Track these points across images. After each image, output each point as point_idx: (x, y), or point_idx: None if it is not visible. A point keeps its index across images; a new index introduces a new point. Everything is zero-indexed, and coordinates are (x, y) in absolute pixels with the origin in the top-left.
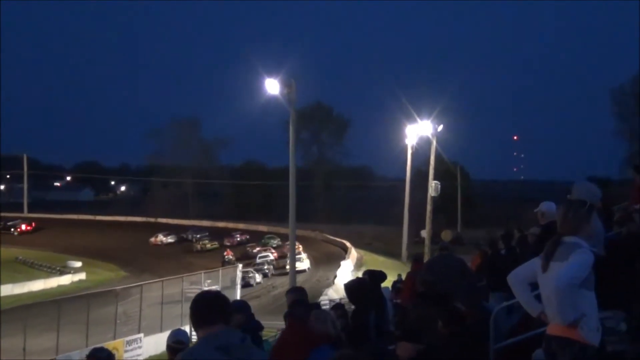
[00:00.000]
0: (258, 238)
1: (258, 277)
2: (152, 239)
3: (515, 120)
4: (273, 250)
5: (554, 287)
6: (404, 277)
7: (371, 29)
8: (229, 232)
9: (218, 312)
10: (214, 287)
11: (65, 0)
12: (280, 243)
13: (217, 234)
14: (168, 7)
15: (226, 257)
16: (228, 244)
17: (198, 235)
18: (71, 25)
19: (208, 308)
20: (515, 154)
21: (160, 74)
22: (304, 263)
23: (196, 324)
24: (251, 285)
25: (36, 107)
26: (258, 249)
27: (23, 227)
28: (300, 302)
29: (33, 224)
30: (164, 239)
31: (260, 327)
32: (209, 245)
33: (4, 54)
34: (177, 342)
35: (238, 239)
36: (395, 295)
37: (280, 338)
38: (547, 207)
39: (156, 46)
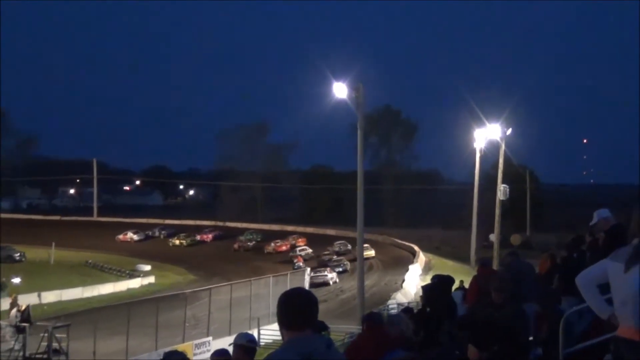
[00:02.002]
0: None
1: (348, 264)
2: (121, 236)
3: (585, 123)
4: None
5: (633, 290)
6: (466, 283)
7: (438, 31)
8: (200, 229)
9: (309, 316)
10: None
11: (139, 6)
12: (260, 237)
13: (186, 231)
14: (236, 11)
15: (296, 263)
16: (201, 239)
17: (165, 232)
18: (141, 31)
19: (300, 311)
20: (585, 157)
21: (228, 78)
22: (371, 251)
23: (284, 324)
24: (347, 271)
25: (106, 113)
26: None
27: None
28: None
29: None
30: (134, 236)
31: (324, 327)
32: (189, 240)
33: (71, 61)
34: (250, 342)
35: (211, 235)
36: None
37: (357, 340)
38: (604, 214)
39: (225, 50)
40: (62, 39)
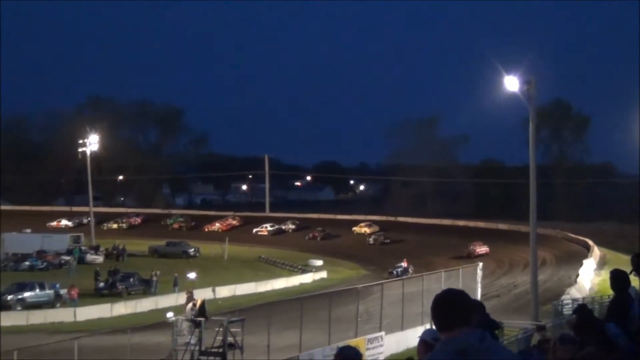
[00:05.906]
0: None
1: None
2: (54, 223)
3: None
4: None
5: None
6: None
7: (609, 22)
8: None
9: (460, 314)
10: None
11: (309, 6)
12: (182, 219)
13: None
14: (404, 6)
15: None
16: (132, 223)
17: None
18: (310, 30)
19: (450, 310)
20: None
21: (398, 73)
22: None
23: (438, 325)
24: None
25: (278, 110)
26: None
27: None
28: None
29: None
30: (68, 223)
31: (496, 326)
32: (126, 224)
33: (241, 61)
34: (435, 340)
35: (138, 219)
36: None
37: None
38: None
39: (394, 44)
40: (233, 41)
